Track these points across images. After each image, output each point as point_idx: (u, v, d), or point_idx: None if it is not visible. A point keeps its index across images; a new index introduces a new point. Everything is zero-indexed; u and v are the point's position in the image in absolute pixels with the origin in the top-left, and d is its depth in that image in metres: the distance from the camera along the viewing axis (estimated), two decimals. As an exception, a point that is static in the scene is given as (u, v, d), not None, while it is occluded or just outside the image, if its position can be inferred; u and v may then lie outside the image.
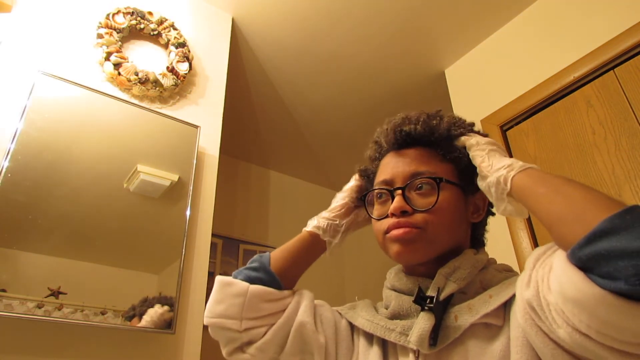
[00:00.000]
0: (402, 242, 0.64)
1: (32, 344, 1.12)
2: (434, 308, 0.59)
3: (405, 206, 0.65)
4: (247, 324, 0.67)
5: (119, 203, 1.38)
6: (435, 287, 0.62)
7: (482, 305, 0.58)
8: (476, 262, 0.64)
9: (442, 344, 0.59)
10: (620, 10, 1.58)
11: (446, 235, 0.65)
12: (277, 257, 0.75)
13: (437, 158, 0.69)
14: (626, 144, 1.46)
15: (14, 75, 1.33)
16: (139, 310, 1.27)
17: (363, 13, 1.96)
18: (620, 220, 0.40)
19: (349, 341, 0.71)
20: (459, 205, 0.67)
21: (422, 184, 0.66)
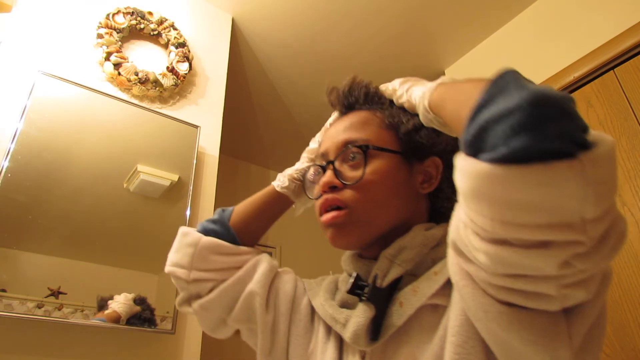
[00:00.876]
0: (332, 228, 0.58)
1: (32, 344, 1.12)
2: (373, 297, 0.53)
3: (333, 180, 0.58)
4: (195, 275, 0.64)
5: (119, 203, 1.38)
6: (377, 271, 0.55)
7: (427, 285, 0.51)
8: (426, 239, 0.55)
9: (385, 335, 0.52)
10: (620, 10, 1.58)
11: (381, 213, 0.57)
12: (239, 211, 0.71)
13: (375, 123, 0.62)
14: (626, 144, 1.46)
15: (14, 75, 1.33)
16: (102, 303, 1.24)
17: (363, 13, 1.96)
18: (494, 87, 0.35)
19: (307, 322, 0.64)
20: (398, 176, 0.58)
21: (354, 154, 0.58)
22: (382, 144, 0.59)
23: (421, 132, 0.59)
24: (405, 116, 0.61)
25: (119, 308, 1.23)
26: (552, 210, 0.31)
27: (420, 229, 0.57)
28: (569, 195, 0.30)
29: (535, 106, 0.30)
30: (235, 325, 0.66)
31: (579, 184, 0.30)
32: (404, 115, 0.61)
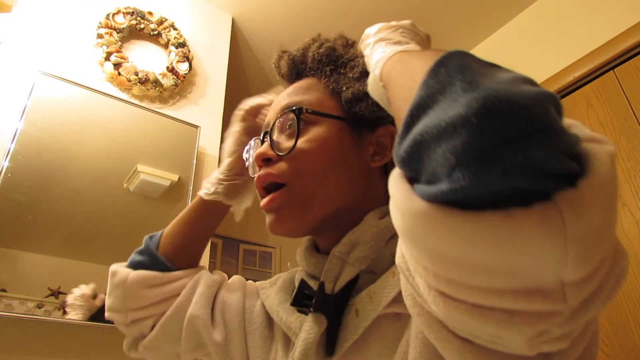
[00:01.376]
0: (269, 212, 0.50)
1: (32, 344, 1.12)
2: (322, 308, 0.45)
3: (267, 152, 0.50)
4: (132, 316, 0.58)
5: (119, 203, 1.38)
6: (324, 278, 0.47)
7: (384, 290, 0.42)
8: (380, 230, 0.46)
9: (341, 349, 0.44)
10: (620, 10, 1.58)
11: (321, 186, 0.48)
12: (167, 234, 0.64)
13: (320, 88, 0.53)
14: (626, 144, 1.46)
15: (14, 75, 1.33)
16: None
17: (363, 13, 1.96)
18: (434, 81, 0.25)
19: (264, 329, 0.56)
20: (341, 145, 0.50)
21: (289, 121, 0.50)
22: (321, 109, 0.51)
23: (361, 104, 0.50)
24: (348, 83, 0.52)
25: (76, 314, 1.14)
26: (516, 274, 0.21)
27: (373, 218, 0.48)
28: (541, 258, 0.20)
29: (489, 119, 0.21)
30: (189, 356, 0.60)
31: (555, 244, 0.20)
32: (347, 82, 0.52)
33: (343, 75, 0.53)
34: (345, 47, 0.57)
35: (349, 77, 0.53)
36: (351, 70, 0.53)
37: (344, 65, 0.54)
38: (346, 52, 0.56)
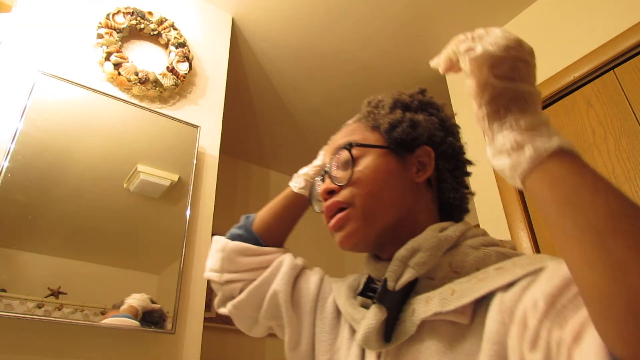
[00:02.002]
0: (337, 231, 0.59)
1: (32, 344, 1.12)
2: (383, 300, 0.53)
3: (329, 186, 0.60)
4: (226, 277, 0.70)
5: (119, 203, 1.38)
6: (388, 275, 0.54)
7: (440, 302, 0.49)
8: (440, 241, 0.53)
9: (398, 340, 0.52)
10: (620, 10, 1.58)
11: (380, 204, 0.58)
12: (261, 215, 0.76)
13: (362, 128, 0.65)
14: (626, 144, 1.46)
15: (14, 75, 1.33)
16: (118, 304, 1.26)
17: (362, 13, 1.96)
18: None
19: (332, 319, 0.65)
20: (390, 167, 0.60)
21: (343, 158, 0.62)
22: (366, 142, 0.62)
23: (397, 129, 0.61)
24: (383, 118, 0.63)
25: (135, 302, 1.25)
26: None
27: (435, 229, 0.56)
28: None
29: None
30: (266, 322, 0.70)
31: None
32: (382, 117, 0.63)
33: (377, 113, 0.65)
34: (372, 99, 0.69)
35: (382, 113, 0.64)
36: (382, 109, 0.64)
37: (376, 106, 0.66)
38: (374, 99, 0.67)
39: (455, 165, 0.67)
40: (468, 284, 0.48)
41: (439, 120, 0.65)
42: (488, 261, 0.51)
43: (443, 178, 0.64)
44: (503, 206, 1.74)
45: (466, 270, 0.51)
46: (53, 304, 1.15)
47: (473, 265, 0.52)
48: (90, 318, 1.19)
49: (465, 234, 0.56)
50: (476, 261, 0.52)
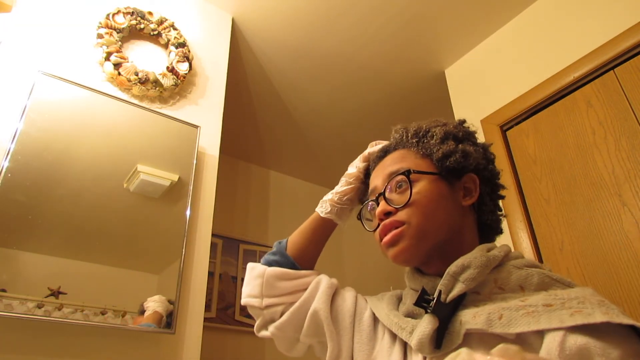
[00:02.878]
0: (391, 246, 0.65)
1: (32, 344, 1.12)
2: (437, 310, 0.58)
3: (386, 208, 0.66)
4: (267, 302, 0.74)
5: (119, 203, 1.38)
6: (441, 287, 0.60)
7: (487, 321, 0.54)
8: (488, 260, 0.60)
9: (447, 348, 0.57)
10: (620, 11, 1.58)
11: (433, 224, 0.64)
12: (293, 240, 0.81)
13: (412, 155, 0.71)
14: (626, 144, 1.46)
15: (14, 75, 1.33)
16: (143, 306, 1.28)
17: (362, 14, 1.96)
18: None
19: (370, 332, 0.70)
20: (442, 192, 0.67)
21: (399, 182, 0.68)
22: (420, 169, 0.68)
23: (451, 159, 0.68)
24: (435, 146, 0.69)
25: (159, 307, 1.26)
26: None
27: (483, 249, 0.62)
28: None
29: None
30: (307, 340, 0.74)
31: None
32: (434, 146, 0.70)
33: (427, 143, 0.71)
34: (415, 124, 0.74)
35: (432, 142, 0.70)
36: (432, 138, 0.71)
37: (425, 135, 0.72)
38: (419, 127, 0.73)
39: (493, 189, 0.74)
40: (517, 312, 0.52)
41: (482, 150, 0.73)
42: (530, 280, 0.57)
43: (484, 201, 0.71)
44: (503, 206, 1.74)
45: (510, 287, 0.58)
46: (53, 304, 1.15)
47: (516, 283, 0.58)
48: (90, 318, 1.19)
49: (508, 254, 0.63)
50: (519, 279, 0.58)
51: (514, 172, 1.77)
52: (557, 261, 1.53)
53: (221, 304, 2.43)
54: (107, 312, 1.22)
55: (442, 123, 0.74)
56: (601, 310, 0.48)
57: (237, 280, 2.56)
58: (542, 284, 0.57)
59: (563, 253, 1.53)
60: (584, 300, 0.50)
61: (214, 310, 2.38)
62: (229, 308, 2.45)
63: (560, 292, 0.54)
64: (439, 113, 2.40)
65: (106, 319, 1.21)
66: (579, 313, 0.48)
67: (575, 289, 0.55)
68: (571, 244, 1.52)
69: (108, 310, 1.22)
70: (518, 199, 1.70)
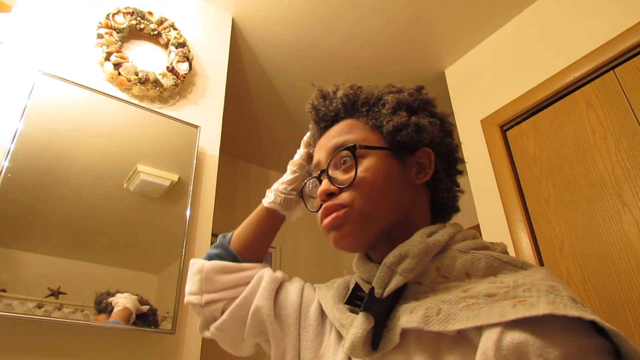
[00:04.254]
0: (333, 230, 0.58)
1: (32, 344, 1.12)
2: (371, 308, 0.52)
3: (328, 187, 0.59)
4: (206, 298, 0.69)
5: (119, 203, 1.38)
6: (375, 283, 0.53)
7: (424, 318, 0.48)
8: (427, 247, 0.53)
9: (385, 349, 0.51)
10: (620, 10, 1.58)
11: (380, 207, 0.57)
12: (237, 233, 0.76)
13: (360, 126, 0.63)
14: (626, 144, 1.46)
15: (14, 75, 1.33)
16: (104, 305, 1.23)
17: (362, 14, 1.96)
18: None
19: (317, 326, 0.64)
20: (392, 170, 0.59)
21: (344, 157, 0.60)
22: (368, 143, 0.60)
23: (402, 132, 0.60)
24: (386, 118, 0.61)
25: (129, 304, 1.23)
26: None
27: (422, 235, 0.55)
28: None
29: None
30: (252, 340, 0.69)
31: None
32: (385, 117, 0.61)
33: (378, 113, 0.62)
34: (367, 89, 0.65)
35: (384, 113, 0.61)
36: (384, 107, 0.62)
37: (375, 104, 0.63)
38: (371, 93, 0.64)
39: (450, 165, 0.65)
40: (456, 306, 0.46)
41: (439, 121, 0.64)
42: (477, 265, 0.51)
43: (439, 178, 0.63)
44: (503, 206, 1.74)
45: (455, 275, 0.51)
46: (53, 304, 1.15)
47: (462, 269, 0.51)
48: (90, 318, 1.19)
49: (454, 237, 0.56)
50: (464, 265, 0.51)
51: (514, 172, 1.77)
52: (557, 261, 1.53)
53: (221, 304, 2.43)
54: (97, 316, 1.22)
55: (396, 90, 0.65)
56: (547, 298, 0.41)
57: (237, 280, 2.55)
58: (491, 269, 0.50)
59: (563, 253, 1.53)
60: (532, 287, 0.44)
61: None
62: (229, 308, 2.45)
63: (508, 277, 0.48)
64: (439, 113, 2.40)
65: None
66: (523, 304, 0.42)
67: (526, 272, 0.48)
68: (571, 244, 1.52)
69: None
70: (518, 199, 1.70)
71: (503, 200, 1.75)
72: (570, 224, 1.54)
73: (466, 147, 2.02)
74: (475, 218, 1.88)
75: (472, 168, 1.96)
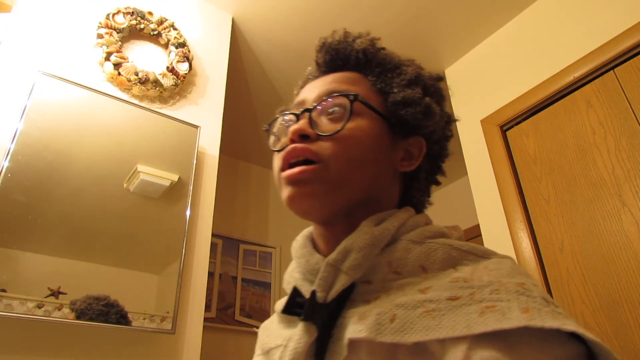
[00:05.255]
0: (294, 184, 0.48)
1: (32, 344, 1.12)
2: (313, 317, 0.44)
3: (306, 129, 0.49)
4: None
5: (119, 203, 1.38)
6: (317, 286, 0.45)
7: (375, 326, 0.39)
8: (373, 238, 0.45)
9: None
10: (620, 10, 1.58)
11: (357, 174, 0.49)
12: None
13: (366, 84, 0.55)
14: (626, 144, 1.46)
15: (14, 75, 1.33)
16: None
17: (362, 14, 1.96)
18: None
19: None
20: (380, 140, 0.52)
21: (337, 106, 0.51)
22: (370, 102, 0.52)
23: (408, 109, 0.53)
24: (398, 87, 0.54)
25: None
26: None
27: (368, 224, 0.47)
28: None
29: None
30: None
31: None
32: (397, 86, 0.54)
33: (391, 79, 0.55)
34: (388, 52, 0.59)
35: (397, 81, 0.55)
36: (399, 76, 0.55)
37: (392, 69, 0.56)
38: (391, 57, 0.58)
39: (433, 169, 0.59)
40: (413, 312, 0.39)
41: (447, 119, 0.59)
42: (434, 257, 0.44)
43: (418, 177, 0.57)
44: (503, 206, 1.74)
45: (409, 270, 0.44)
46: (53, 304, 1.15)
47: (416, 263, 0.44)
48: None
49: (405, 224, 0.48)
50: (419, 258, 0.44)
51: (514, 172, 1.77)
52: (557, 261, 1.53)
53: (221, 304, 2.43)
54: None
55: (418, 65, 0.58)
56: (519, 303, 0.35)
57: (237, 280, 2.56)
58: (449, 260, 0.44)
59: (563, 253, 1.53)
60: (500, 287, 0.38)
61: (214, 310, 2.38)
62: (229, 308, 2.45)
63: (471, 271, 0.41)
64: (439, 113, 2.41)
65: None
66: (492, 310, 0.35)
67: (489, 263, 0.42)
68: (571, 244, 1.52)
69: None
70: (518, 199, 1.70)
71: (503, 200, 1.75)
72: (570, 224, 1.54)
73: (466, 147, 2.03)
74: (475, 218, 1.88)
75: (472, 168, 1.96)
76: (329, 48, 0.59)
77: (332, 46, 0.59)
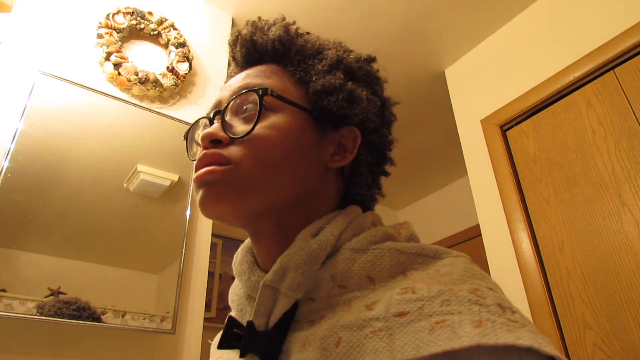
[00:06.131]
0: (204, 186, 0.44)
1: (32, 344, 1.12)
2: (253, 349, 0.40)
3: (217, 133, 0.45)
4: None
5: (119, 203, 1.38)
6: (257, 310, 0.41)
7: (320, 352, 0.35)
8: (311, 253, 0.41)
9: None
10: (620, 10, 1.58)
11: (272, 177, 0.44)
12: None
13: (285, 76, 0.50)
14: (626, 144, 1.46)
15: (14, 75, 1.33)
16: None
17: (363, 14, 1.96)
18: None
19: None
20: (302, 138, 0.46)
21: (248, 103, 0.47)
22: (286, 95, 0.47)
23: (330, 97, 0.47)
24: (318, 75, 0.49)
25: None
26: None
27: (305, 237, 0.43)
28: None
29: None
30: None
31: None
32: (317, 73, 0.49)
33: (312, 66, 0.50)
34: (308, 37, 0.54)
35: (318, 68, 0.49)
36: (320, 62, 0.50)
37: (313, 56, 0.51)
38: (311, 43, 0.53)
39: (378, 161, 0.54)
40: (359, 333, 0.35)
41: (380, 103, 0.53)
42: (380, 265, 0.40)
43: (359, 171, 0.51)
44: (503, 206, 1.74)
45: (355, 282, 0.40)
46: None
47: (362, 274, 0.40)
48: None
49: (346, 230, 0.44)
50: (364, 268, 0.40)
51: (514, 172, 1.77)
52: (557, 261, 1.53)
53: (221, 304, 2.43)
54: (107, 312, 1.22)
55: (343, 49, 0.54)
56: (471, 315, 0.32)
57: (237, 280, 2.56)
58: (398, 266, 0.40)
59: (563, 253, 1.53)
60: (450, 296, 0.34)
61: (214, 310, 2.38)
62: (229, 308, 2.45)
63: (421, 278, 0.38)
64: (439, 113, 2.41)
65: (106, 319, 1.21)
66: (442, 327, 0.32)
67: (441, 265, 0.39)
68: (571, 244, 1.52)
69: (108, 310, 1.22)
70: (518, 199, 1.70)
71: (503, 200, 1.75)
72: (570, 224, 1.54)
73: (466, 147, 2.03)
74: (475, 218, 1.88)
75: (472, 168, 1.96)
76: (243, 41, 0.54)
77: (246, 38, 0.54)
